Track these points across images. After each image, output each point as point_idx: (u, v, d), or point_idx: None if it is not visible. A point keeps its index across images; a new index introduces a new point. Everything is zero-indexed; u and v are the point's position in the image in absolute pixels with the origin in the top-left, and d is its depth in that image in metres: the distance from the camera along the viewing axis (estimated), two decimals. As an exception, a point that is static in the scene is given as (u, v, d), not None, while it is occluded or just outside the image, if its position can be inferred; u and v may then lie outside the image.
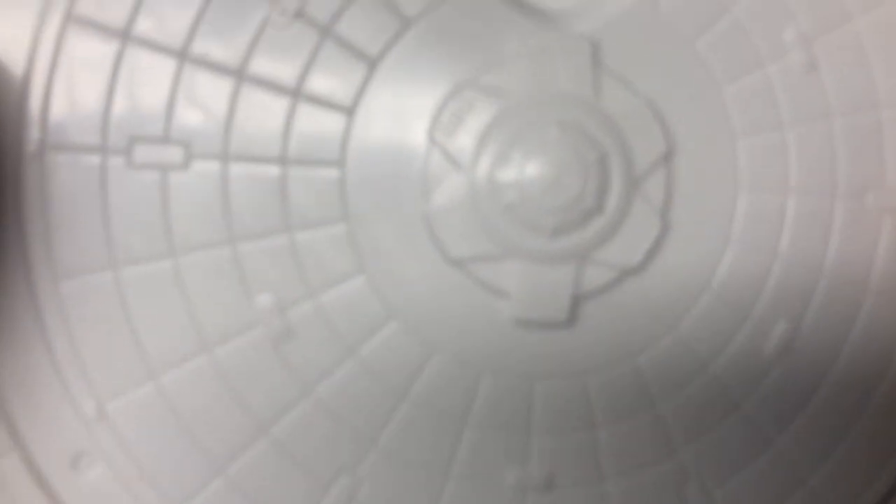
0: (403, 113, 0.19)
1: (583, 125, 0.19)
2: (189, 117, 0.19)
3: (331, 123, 0.19)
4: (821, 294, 0.20)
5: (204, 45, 0.19)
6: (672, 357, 0.20)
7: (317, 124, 0.19)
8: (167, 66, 0.19)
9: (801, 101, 0.20)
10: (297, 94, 0.19)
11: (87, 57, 0.19)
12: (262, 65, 0.19)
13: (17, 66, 0.18)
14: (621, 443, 0.20)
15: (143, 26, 0.19)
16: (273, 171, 0.19)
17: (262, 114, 0.19)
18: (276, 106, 0.19)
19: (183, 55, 0.19)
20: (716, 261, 0.20)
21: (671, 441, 0.20)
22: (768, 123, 0.20)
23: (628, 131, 0.19)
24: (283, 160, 0.19)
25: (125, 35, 0.19)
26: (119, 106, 0.19)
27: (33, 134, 0.18)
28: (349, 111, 0.19)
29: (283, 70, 0.19)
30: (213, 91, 0.19)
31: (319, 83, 0.19)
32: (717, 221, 0.20)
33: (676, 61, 0.20)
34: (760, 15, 0.20)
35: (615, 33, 0.19)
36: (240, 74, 0.19)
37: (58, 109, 0.19)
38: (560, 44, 0.19)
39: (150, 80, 0.19)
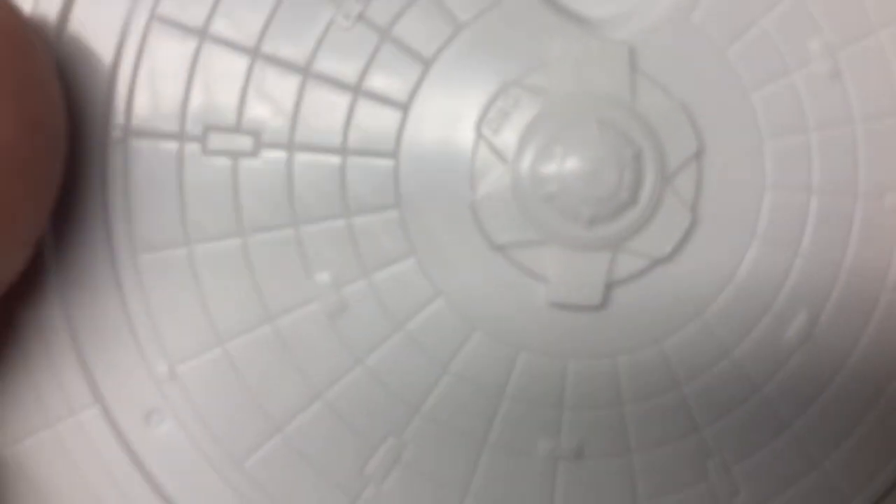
0: (454, 109, 0.21)
1: (620, 124, 0.20)
2: (258, 110, 0.20)
3: (387, 118, 0.21)
4: (840, 288, 0.22)
5: (273, 45, 0.20)
6: (697, 342, 0.21)
7: (375, 118, 0.21)
8: (240, 62, 0.20)
9: (825, 106, 0.21)
10: (357, 90, 0.21)
11: (168, 53, 0.20)
12: (326, 63, 0.20)
13: (105, 59, 0.20)
14: (647, 419, 0.21)
15: (219, 26, 0.20)
16: (334, 160, 0.21)
17: (326, 108, 0.21)
18: (339, 101, 0.21)
19: (254, 53, 0.20)
20: (741, 254, 0.21)
21: (694, 420, 0.22)
22: (794, 127, 0.21)
23: (662, 131, 0.21)
24: (343, 151, 0.21)
25: (203, 34, 0.20)
26: (196, 98, 0.20)
27: (119, 121, 0.20)
28: (404, 107, 0.21)
29: (346, 68, 0.20)
30: (280, 86, 0.20)
31: (378, 81, 0.21)
32: (744, 217, 0.21)
33: (708, 67, 0.21)
34: (788, 26, 0.21)
35: (652, 40, 0.21)
36: (306, 71, 0.20)
37: (141, 100, 0.20)
38: (600, 48, 0.21)
39: (224, 75, 0.20)
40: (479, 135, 0.21)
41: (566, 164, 0.20)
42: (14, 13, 0.18)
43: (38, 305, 0.20)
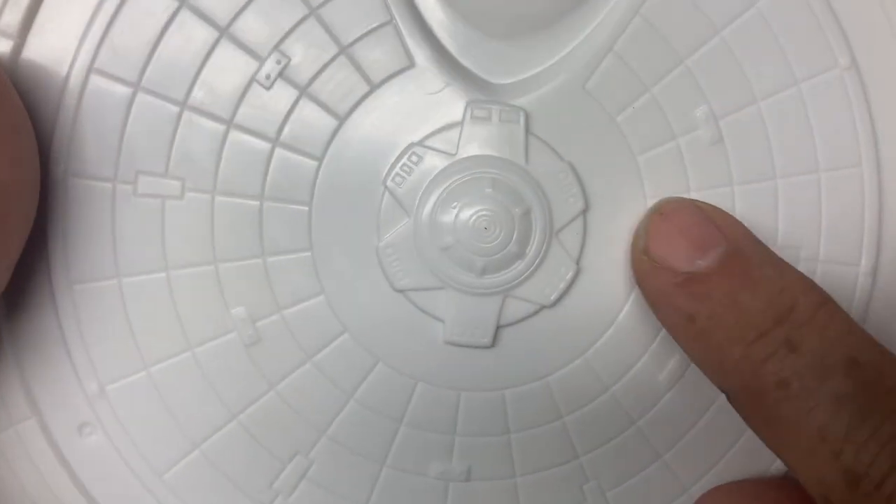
0: (363, 163, 0.23)
1: (512, 184, 0.22)
2: (184, 157, 0.22)
3: (302, 167, 0.23)
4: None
5: (199, 97, 0.22)
6: (579, 378, 0.24)
7: (291, 167, 0.23)
8: (169, 113, 0.22)
9: (707, 169, 0.23)
10: (275, 141, 0.22)
11: (104, 101, 0.22)
12: (247, 117, 0.22)
13: (50, 103, 0.22)
14: (531, 446, 0.24)
15: (151, 80, 0.22)
16: (252, 204, 0.23)
17: (246, 157, 0.22)
18: (257, 150, 0.22)
19: (182, 105, 0.22)
20: (622, 301, 0.23)
21: (574, 448, 0.24)
22: (676, 188, 0.23)
23: (551, 190, 0.23)
24: (260, 196, 0.23)
25: (136, 87, 0.22)
26: (128, 145, 0.22)
27: (59, 163, 0.22)
28: (319, 158, 0.23)
29: (265, 121, 0.22)
30: (205, 136, 0.22)
31: (294, 134, 0.22)
32: (626, 268, 0.23)
33: (598, 132, 0.23)
34: (675, 95, 0.23)
35: (546, 106, 0.23)
36: (228, 123, 0.22)
37: (79, 145, 0.22)
38: (499, 112, 0.22)
39: (154, 124, 0.22)
40: (385, 187, 0.23)
41: (461, 219, 0.22)
42: None
43: (-20, 327, 0.22)
